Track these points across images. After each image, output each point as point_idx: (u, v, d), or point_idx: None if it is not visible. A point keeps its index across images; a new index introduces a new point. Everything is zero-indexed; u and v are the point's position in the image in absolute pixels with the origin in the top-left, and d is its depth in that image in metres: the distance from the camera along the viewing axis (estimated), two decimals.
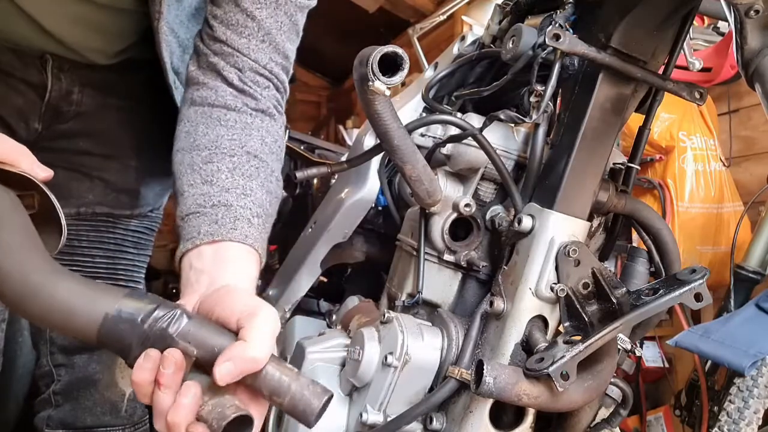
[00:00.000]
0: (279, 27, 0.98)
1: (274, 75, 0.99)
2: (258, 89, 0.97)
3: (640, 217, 0.96)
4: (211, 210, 0.85)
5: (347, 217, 1.24)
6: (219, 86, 0.96)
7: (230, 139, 0.92)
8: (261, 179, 0.91)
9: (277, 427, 1.09)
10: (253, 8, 0.95)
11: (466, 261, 0.95)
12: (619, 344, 0.87)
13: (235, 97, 0.96)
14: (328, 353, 1.03)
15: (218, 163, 0.90)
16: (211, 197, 0.87)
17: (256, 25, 0.96)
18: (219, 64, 0.96)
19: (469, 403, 0.87)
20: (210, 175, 0.89)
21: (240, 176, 0.89)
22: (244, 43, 0.96)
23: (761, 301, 1.21)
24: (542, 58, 0.85)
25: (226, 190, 0.87)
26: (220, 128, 0.93)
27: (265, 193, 0.91)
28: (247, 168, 0.91)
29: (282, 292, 1.39)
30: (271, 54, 0.98)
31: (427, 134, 1.05)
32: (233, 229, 0.84)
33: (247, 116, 0.95)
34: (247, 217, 0.86)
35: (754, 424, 1.13)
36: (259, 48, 0.97)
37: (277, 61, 0.99)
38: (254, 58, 0.97)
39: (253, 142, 0.93)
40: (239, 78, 0.96)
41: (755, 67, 0.68)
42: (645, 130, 0.95)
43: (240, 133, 0.93)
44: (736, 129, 2.19)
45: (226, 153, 0.91)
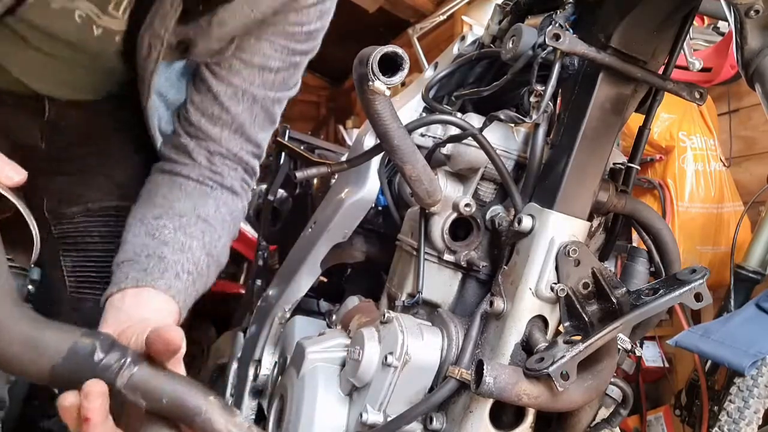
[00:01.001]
0: (253, 120, 1.02)
1: (244, 161, 1.04)
2: (225, 169, 1.02)
3: (640, 217, 0.96)
4: (145, 259, 0.90)
5: (347, 217, 1.24)
6: (187, 162, 1.02)
7: (185, 203, 0.98)
8: (204, 241, 0.96)
9: (277, 427, 1.09)
10: (230, 102, 1.00)
11: (466, 261, 0.95)
12: (619, 344, 0.87)
13: (201, 172, 1.01)
14: (328, 353, 1.03)
15: (166, 220, 0.95)
16: (148, 248, 0.91)
17: (230, 117, 1.00)
18: (189, 145, 1.01)
19: (469, 403, 0.87)
20: (155, 229, 0.94)
21: (183, 234, 0.94)
22: (216, 132, 1.01)
23: (761, 301, 1.21)
24: (542, 58, 0.85)
25: (164, 243, 0.92)
26: (178, 192, 0.99)
27: (205, 254, 0.96)
28: (194, 229, 0.95)
29: (282, 292, 1.39)
30: (242, 144, 1.03)
31: (427, 134, 1.05)
32: (159, 278, 0.88)
33: (208, 188, 1.01)
34: (177, 270, 0.91)
35: (754, 424, 1.13)
36: (231, 138, 1.02)
37: (247, 149, 1.04)
38: (225, 146, 1.02)
39: (207, 208, 0.99)
40: (208, 159, 1.01)
41: (755, 67, 0.68)
42: (645, 130, 0.95)
43: (196, 200, 0.99)
44: (736, 129, 2.19)
45: (177, 213, 0.96)
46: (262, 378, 1.35)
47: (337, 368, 1.02)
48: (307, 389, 1.00)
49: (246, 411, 1.39)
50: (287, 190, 2.02)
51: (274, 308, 1.39)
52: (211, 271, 0.99)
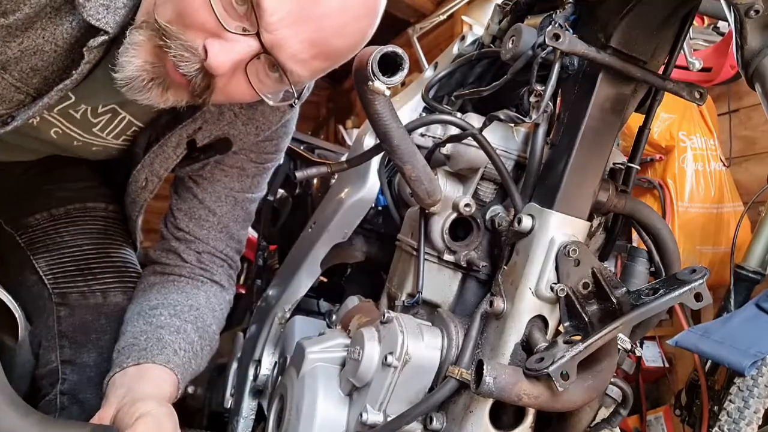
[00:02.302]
0: (235, 219, 1.15)
1: (229, 257, 1.17)
2: (213, 266, 1.15)
3: (640, 217, 0.96)
4: (144, 342, 0.99)
5: (347, 217, 1.24)
6: (178, 263, 1.13)
7: (178, 295, 1.09)
8: (197, 325, 1.07)
9: (277, 427, 1.09)
10: (215, 206, 1.12)
11: (466, 261, 0.95)
12: (619, 344, 0.87)
13: (191, 270, 1.13)
14: (328, 353, 1.03)
15: (161, 309, 1.06)
16: (146, 333, 1.01)
17: (216, 219, 1.13)
18: (179, 248, 1.13)
19: (469, 403, 0.87)
20: (151, 317, 1.04)
21: (177, 319, 1.05)
22: (204, 234, 1.13)
23: (761, 301, 1.21)
24: (542, 58, 0.85)
25: (161, 327, 1.02)
26: (172, 287, 1.10)
27: (198, 337, 1.06)
28: (187, 315, 1.06)
29: (282, 292, 1.39)
30: (227, 242, 1.16)
31: (427, 134, 1.05)
32: (158, 354, 0.97)
33: (198, 282, 1.13)
34: (174, 348, 1.00)
35: (754, 424, 1.13)
36: (218, 237, 1.14)
37: (231, 246, 1.17)
38: (213, 245, 1.14)
39: (199, 299, 1.10)
40: (197, 259, 1.13)
41: (755, 67, 0.68)
42: (645, 130, 0.95)
43: (189, 292, 1.10)
44: (736, 129, 2.19)
45: (171, 303, 1.07)
46: (262, 378, 1.35)
47: (337, 368, 1.02)
48: (307, 389, 1.00)
49: (246, 411, 1.39)
50: (287, 190, 2.02)
51: (274, 308, 1.39)
52: (204, 353, 1.09)
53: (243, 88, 0.86)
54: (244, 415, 1.39)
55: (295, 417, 1.00)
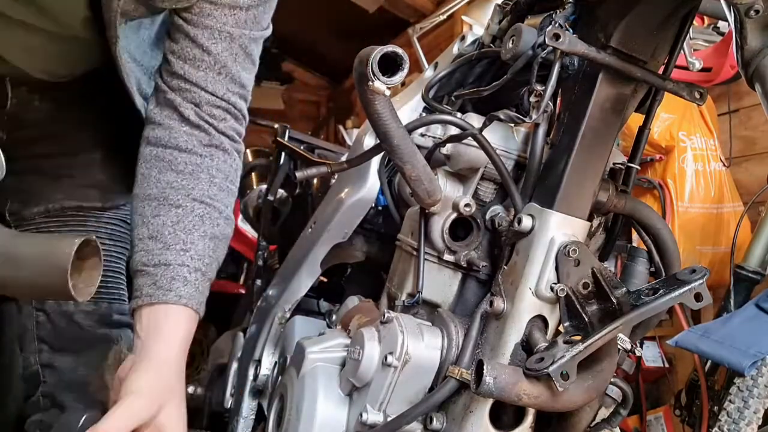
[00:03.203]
0: (234, 59, 1.04)
1: (231, 104, 1.06)
2: (214, 122, 1.04)
3: (640, 217, 0.96)
4: (153, 269, 0.97)
5: (347, 217, 1.24)
6: (173, 126, 1.04)
7: (178, 188, 1.01)
8: (205, 228, 1.01)
9: (277, 427, 1.09)
10: (209, 43, 1.01)
11: (466, 261, 0.95)
12: (619, 344, 0.87)
13: (189, 136, 1.03)
14: (328, 353, 1.03)
15: (164, 217, 1.00)
16: (153, 255, 0.98)
17: (212, 59, 1.02)
18: (176, 101, 1.03)
19: (469, 403, 0.87)
20: (155, 230, 0.99)
21: (182, 230, 0.99)
22: (201, 76, 1.02)
23: (761, 301, 1.21)
24: (542, 57, 0.85)
25: (167, 247, 0.98)
26: (170, 174, 1.02)
27: (208, 240, 1.01)
28: (191, 218, 1.00)
29: (282, 292, 1.39)
30: (228, 85, 1.04)
31: (427, 134, 1.05)
32: (168, 291, 0.95)
33: (197, 156, 1.03)
34: (183, 275, 0.97)
35: (754, 424, 1.13)
36: (216, 80, 1.03)
37: (234, 90, 1.05)
38: (211, 90, 1.03)
39: (202, 185, 1.02)
40: (196, 113, 1.03)
41: (755, 67, 0.68)
42: (645, 130, 0.95)
43: (189, 179, 1.02)
44: (736, 129, 2.19)
45: (173, 204, 1.00)
46: (262, 378, 1.35)
47: (337, 368, 1.02)
48: (307, 389, 1.00)
49: (246, 411, 1.39)
50: (287, 190, 2.02)
51: (274, 308, 1.39)
52: (219, 252, 1.03)
53: None
54: (244, 415, 1.39)
55: (295, 417, 1.00)
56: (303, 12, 4.48)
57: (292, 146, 1.96)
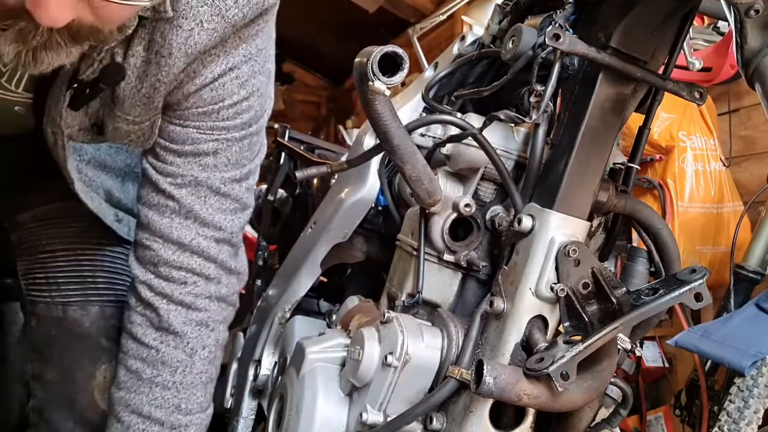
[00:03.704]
0: (203, 202, 0.95)
1: (200, 254, 0.96)
2: (168, 290, 0.96)
3: (640, 217, 0.96)
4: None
5: (347, 217, 1.24)
6: (131, 304, 1.00)
7: (118, 400, 0.99)
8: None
9: (277, 427, 1.09)
10: (171, 189, 0.94)
11: (466, 261, 0.95)
12: (619, 344, 0.87)
13: (141, 317, 0.98)
14: (328, 353, 1.03)
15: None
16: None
17: (175, 204, 0.94)
18: (135, 269, 0.99)
19: (469, 403, 0.87)
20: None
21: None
22: (166, 223, 0.95)
23: (761, 301, 1.21)
24: (542, 58, 0.85)
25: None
26: (121, 370, 1.00)
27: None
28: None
29: (282, 292, 1.39)
30: (197, 229, 0.95)
31: (427, 134, 1.05)
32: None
33: (144, 348, 0.98)
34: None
35: (754, 424, 1.13)
36: (183, 225, 0.95)
37: (206, 234, 0.96)
38: (176, 237, 0.95)
39: (140, 398, 0.98)
40: (149, 287, 0.97)
41: (755, 66, 0.68)
42: (645, 130, 0.95)
43: (130, 386, 0.99)
44: (736, 129, 2.18)
45: (116, 418, 0.99)
46: (262, 378, 1.35)
47: (337, 368, 1.02)
48: (307, 389, 1.00)
49: (246, 411, 1.39)
50: (287, 190, 2.02)
51: (274, 308, 1.39)
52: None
53: (105, 12, 0.70)
54: (244, 415, 1.38)
55: (295, 417, 1.00)
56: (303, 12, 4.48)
57: (292, 146, 1.96)
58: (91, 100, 0.90)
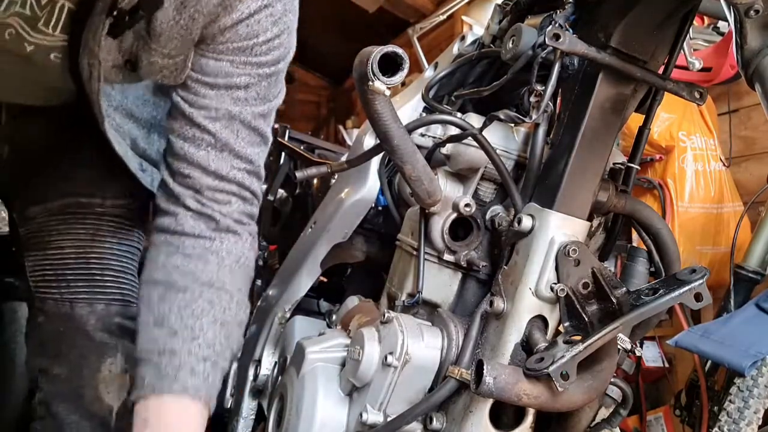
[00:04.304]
0: (236, 136, 0.98)
1: (237, 183, 0.99)
2: (218, 206, 0.98)
3: (640, 217, 0.96)
4: (157, 358, 0.91)
5: (347, 217, 1.24)
6: (179, 212, 0.99)
7: (184, 272, 0.96)
8: (215, 313, 0.95)
9: (277, 427, 1.09)
10: (206, 122, 0.96)
11: (466, 261, 0.95)
12: (619, 344, 0.87)
13: (195, 221, 0.98)
14: (328, 353, 1.03)
15: (170, 303, 0.94)
16: (158, 342, 0.92)
17: (211, 137, 0.97)
18: (176, 190, 0.99)
19: (469, 403, 0.87)
20: (161, 316, 0.93)
21: (190, 316, 0.93)
22: (202, 156, 0.97)
23: (761, 301, 1.21)
24: (542, 57, 0.85)
25: (173, 333, 0.92)
26: (177, 257, 0.97)
27: (219, 326, 0.95)
28: (200, 303, 0.95)
29: (282, 292, 1.39)
30: (231, 161, 0.98)
31: (427, 134, 1.05)
32: (174, 382, 0.89)
33: (205, 240, 0.98)
34: (191, 365, 0.91)
35: (754, 424, 1.13)
36: (218, 157, 0.97)
37: (240, 167, 0.99)
38: (214, 169, 0.97)
39: (209, 269, 0.96)
40: (197, 200, 0.98)
41: (755, 67, 0.68)
42: (645, 129, 0.95)
43: (196, 262, 0.97)
44: (736, 129, 2.18)
45: (180, 289, 0.95)
46: (262, 378, 1.35)
47: (337, 368, 1.02)
48: (307, 389, 1.00)
49: (246, 411, 1.39)
50: (287, 190, 2.02)
51: (274, 308, 1.39)
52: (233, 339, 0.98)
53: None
54: (244, 415, 1.38)
55: (295, 417, 1.00)
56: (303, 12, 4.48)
57: (292, 146, 1.97)
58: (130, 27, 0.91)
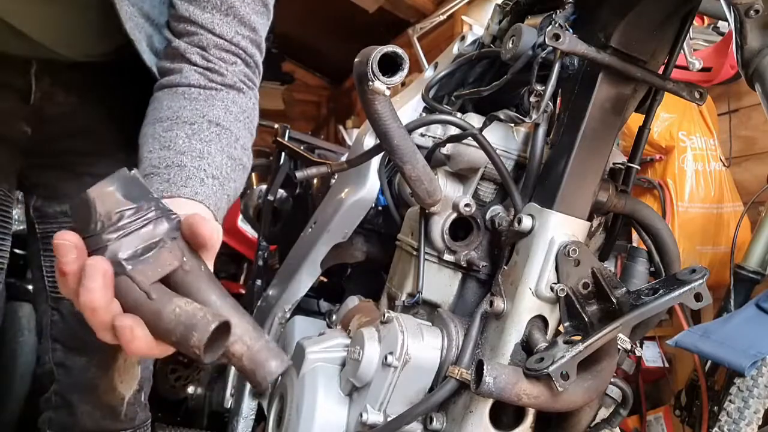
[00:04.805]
0: (241, 0, 0.96)
1: (241, 49, 0.98)
2: (224, 65, 0.97)
3: (640, 217, 0.96)
4: (165, 170, 0.87)
5: (347, 217, 1.24)
6: (184, 68, 0.96)
7: (191, 110, 0.93)
8: (221, 144, 0.92)
9: (277, 427, 1.09)
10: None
11: (466, 261, 0.95)
12: (619, 344, 0.87)
13: (201, 74, 0.96)
14: (328, 353, 1.03)
15: (177, 131, 0.91)
16: (165, 159, 0.88)
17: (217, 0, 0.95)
18: (181, 47, 0.96)
19: (469, 403, 0.87)
20: (168, 141, 0.90)
21: (198, 141, 0.90)
22: (207, 18, 0.95)
23: (761, 301, 1.21)
24: (542, 57, 0.85)
25: (181, 153, 0.88)
26: (183, 101, 0.94)
27: (226, 157, 0.92)
28: (207, 134, 0.92)
29: (282, 292, 1.39)
30: (236, 27, 0.97)
31: (427, 134, 1.05)
32: (183, 186, 0.85)
33: (212, 90, 0.96)
34: (200, 177, 0.87)
35: (754, 424, 1.13)
36: (223, 21, 0.96)
37: (243, 34, 0.98)
38: (219, 32, 0.96)
39: (216, 111, 0.94)
40: (203, 57, 0.96)
41: (755, 67, 0.68)
42: (645, 129, 0.95)
43: (203, 104, 0.94)
44: (736, 129, 2.19)
45: (186, 121, 0.92)
46: None
47: (337, 368, 1.02)
48: (307, 389, 1.00)
49: (246, 411, 1.39)
50: (287, 190, 2.02)
51: (274, 308, 1.39)
52: (237, 174, 0.95)
53: None
54: (244, 415, 1.39)
55: (295, 417, 1.00)
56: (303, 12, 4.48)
57: (292, 146, 1.96)
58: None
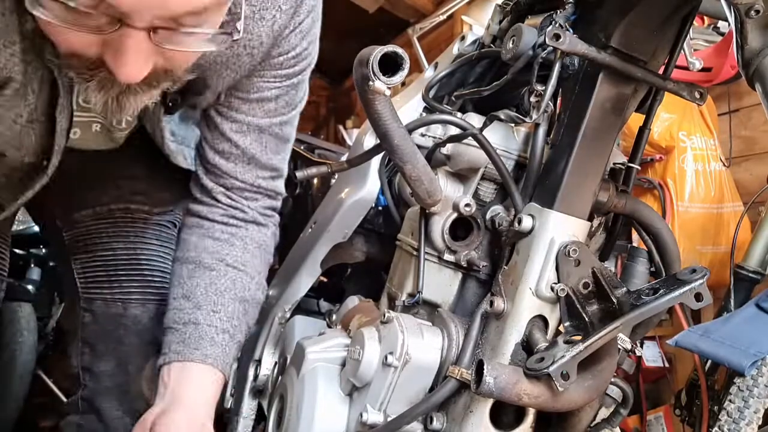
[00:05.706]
0: (264, 148, 1.07)
1: (262, 188, 1.10)
2: (245, 203, 1.09)
3: (640, 217, 0.96)
4: (182, 327, 1.01)
5: (347, 217, 1.24)
6: (211, 203, 1.09)
7: (212, 252, 1.06)
8: (236, 290, 1.05)
9: (277, 427, 1.09)
10: (237, 137, 1.05)
11: (466, 261, 0.95)
12: (619, 344, 0.87)
13: (224, 211, 1.09)
14: (328, 353, 1.03)
15: (198, 278, 1.05)
16: (184, 313, 1.02)
17: (240, 152, 1.06)
18: (208, 185, 1.08)
19: (469, 403, 0.87)
20: (189, 290, 1.04)
21: (214, 292, 1.04)
22: (230, 167, 1.07)
23: (761, 301, 1.21)
24: (542, 57, 0.85)
25: (198, 307, 1.02)
26: (207, 240, 1.07)
27: (238, 303, 1.05)
28: (224, 281, 1.05)
29: (282, 292, 1.39)
30: (257, 172, 1.09)
31: (427, 134, 1.05)
32: (195, 350, 0.99)
33: (233, 228, 1.09)
34: (212, 336, 1.01)
35: (754, 424, 1.13)
36: (246, 170, 1.08)
37: (264, 176, 1.10)
38: (241, 179, 1.08)
39: (235, 252, 1.07)
40: (227, 196, 1.09)
41: (755, 67, 0.68)
42: (645, 130, 0.95)
43: (223, 245, 1.07)
44: (736, 129, 2.18)
45: (207, 267, 1.05)
46: (262, 378, 1.35)
47: (337, 368, 1.02)
48: (307, 389, 1.00)
49: (246, 411, 1.39)
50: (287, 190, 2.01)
51: (274, 308, 1.39)
52: (249, 316, 1.08)
53: (176, 57, 0.78)
54: (244, 415, 1.38)
55: (295, 417, 1.00)
56: None
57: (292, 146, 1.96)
58: (183, 107, 1.02)
